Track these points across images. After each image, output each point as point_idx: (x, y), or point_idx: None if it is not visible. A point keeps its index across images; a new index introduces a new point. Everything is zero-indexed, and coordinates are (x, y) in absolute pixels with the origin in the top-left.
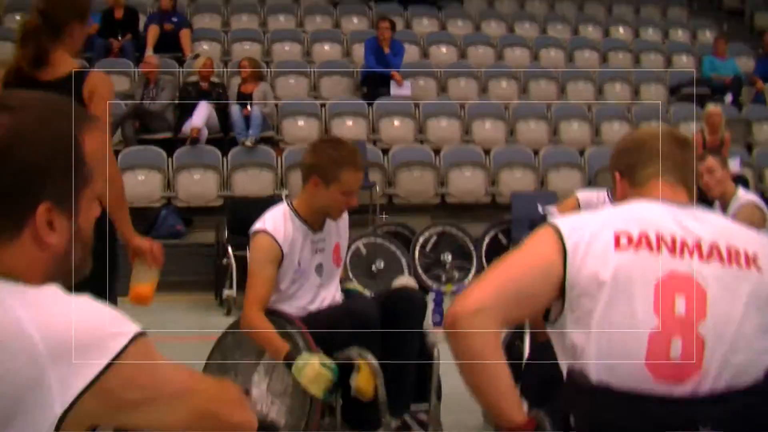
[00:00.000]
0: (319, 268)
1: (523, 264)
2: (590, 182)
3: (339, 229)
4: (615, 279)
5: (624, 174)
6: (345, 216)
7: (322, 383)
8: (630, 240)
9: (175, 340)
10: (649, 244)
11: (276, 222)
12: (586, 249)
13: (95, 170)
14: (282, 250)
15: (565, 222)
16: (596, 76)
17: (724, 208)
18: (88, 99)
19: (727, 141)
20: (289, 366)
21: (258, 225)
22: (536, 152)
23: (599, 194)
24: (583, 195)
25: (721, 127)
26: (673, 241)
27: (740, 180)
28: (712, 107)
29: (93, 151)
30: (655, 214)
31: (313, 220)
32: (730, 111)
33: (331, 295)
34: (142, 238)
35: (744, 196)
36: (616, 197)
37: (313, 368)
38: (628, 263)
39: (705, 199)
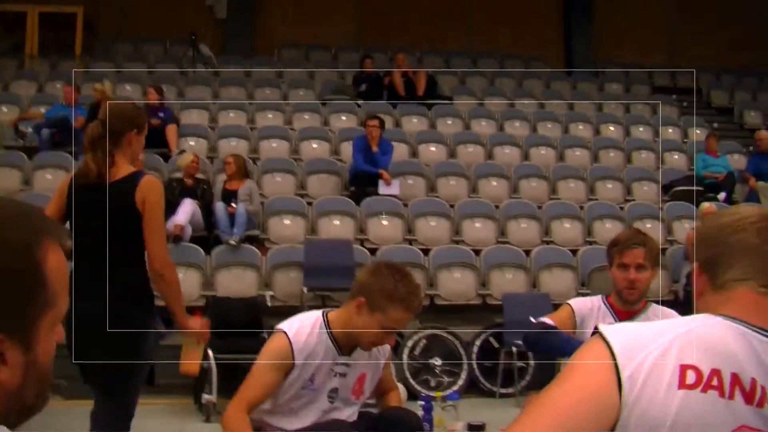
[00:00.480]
0: (333, 393)
1: (572, 400)
2: (583, 283)
3: (371, 359)
4: (674, 424)
5: (704, 269)
6: (386, 349)
7: None
8: (699, 378)
9: None
10: (720, 387)
11: (302, 328)
12: (644, 382)
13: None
14: (294, 361)
15: (618, 340)
16: (588, 175)
17: None
18: (140, 204)
19: None
20: None
21: (283, 324)
22: (528, 253)
23: (593, 301)
24: (577, 304)
25: None
26: (753, 388)
27: None
28: (707, 205)
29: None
30: (735, 346)
31: (344, 342)
32: (723, 209)
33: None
34: (192, 318)
35: None
36: (694, 293)
37: None
38: (693, 407)
39: None
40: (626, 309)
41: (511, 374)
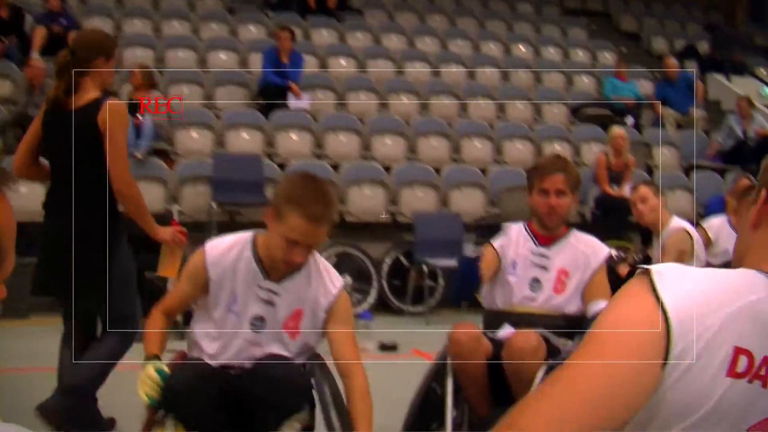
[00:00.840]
0: (258, 322)
1: (609, 377)
2: (493, 203)
3: (317, 298)
4: (710, 411)
5: None
6: (340, 298)
7: (148, 386)
8: (750, 366)
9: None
10: (767, 377)
11: (223, 243)
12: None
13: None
14: (207, 274)
15: (675, 301)
16: (498, 94)
17: (657, 236)
18: (102, 126)
19: (632, 164)
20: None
21: (210, 240)
22: (438, 171)
23: (512, 229)
24: (499, 243)
25: (625, 150)
26: None
27: None
28: (617, 129)
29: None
30: None
31: (269, 264)
32: (631, 134)
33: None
34: (164, 228)
35: (676, 223)
36: (750, 220)
37: (146, 370)
38: (735, 397)
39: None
40: (547, 234)
41: (420, 292)
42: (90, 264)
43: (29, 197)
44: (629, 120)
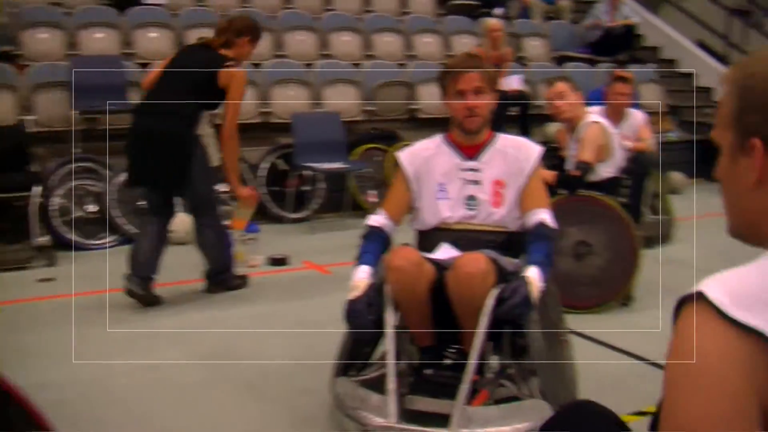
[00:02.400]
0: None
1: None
2: (368, 99)
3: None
4: None
5: None
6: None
7: None
8: None
9: None
10: None
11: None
12: None
13: None
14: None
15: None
16: None
17: (575, 132)
18: (222, 81)
19: (509, 56)
20: None
21: None
22: (309, 67)
23: (429, 144)
24: (407, 156)
25: (501, 42)
26: None
27: (521, 96)
28: (492, 21)
29: None
30: None
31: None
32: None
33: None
34: (243, 187)
35: (593, 118)
36: (751, 179)
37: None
38: None
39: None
40: (470, 142)
41: (301, 198)
42: (175, 156)
43: None
44: (498, 11)
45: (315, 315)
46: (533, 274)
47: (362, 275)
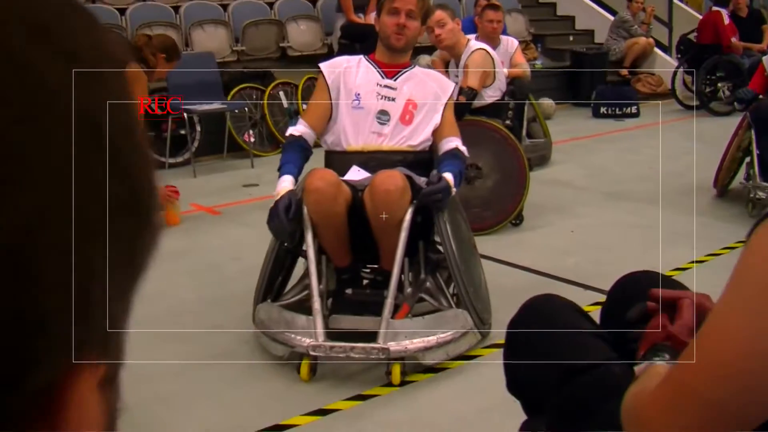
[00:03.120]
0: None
1: None
2: (237, 39)
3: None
4: None
5: None
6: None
7: None
8: None
9: None
10: None
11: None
12: None
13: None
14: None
15: None
16: None
17: (457, 60)
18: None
19: None
20: None
21: None
22: (176, 9)
23: (350, 60)
24: (327, 66)
25: None
26: None
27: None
28: None
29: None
30: None
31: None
32: None
33: None
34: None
35: (475, 44)
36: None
37: None
38: None
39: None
40: (392, 62)
41: (179, 142)
42: None
43: None
44: None
45: (214, 255)
46: (449, 177)
47: (285, 184)
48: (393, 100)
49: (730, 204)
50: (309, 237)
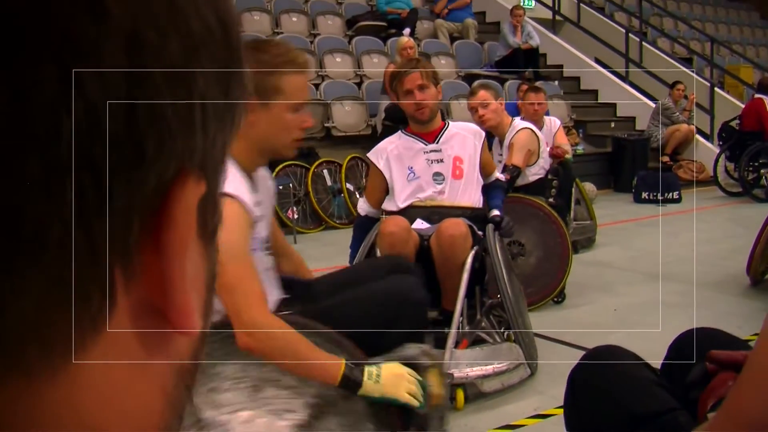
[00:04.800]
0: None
1: None
2: None
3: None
4: None
5: None
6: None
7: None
8: None
9: None
10: None
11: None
12: None
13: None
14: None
15: None
16: (272, 7)
17: (501, 139)
18: None
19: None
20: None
21: None
22: None
23: (391, 140)
24: (374, 155)
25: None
26: None
27: None
28: (405, 39)
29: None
30: None
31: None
32: None
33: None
34: None
35: (520, 123)
36: None
37: (396, 370)
38: None
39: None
40: (427, 130)
41: None
42: None
43: None
44: (406, 31)
45: None
46: (496, 212)
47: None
48: (441, 161)
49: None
50: None
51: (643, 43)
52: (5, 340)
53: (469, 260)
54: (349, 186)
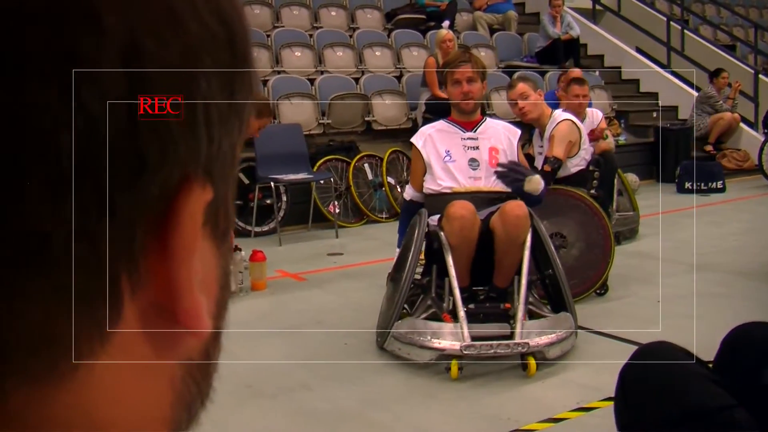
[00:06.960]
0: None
1: None
2: (324, 113)
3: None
4: None
5: None
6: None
7: None
8: None
9: None
10: None
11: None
12: None
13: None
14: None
15: None
16: (311, 2)
17: (542, 130)
18: None
19: None
20: None
21: None
22: (264, 83)
23: (433, 126)
24: (417, 139)
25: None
26: None
27: None
28: (444, 32)
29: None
30: None
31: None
32: None
33: None
34: None
35: (560, 115)
36: None
37: None
38: None
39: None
40: (467, 120)
41: (265, 211)
42: None
43: None
44: (445, 23)
45: (299, 317)
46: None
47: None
48: (477, 149)
49: None
50: (449, 258)
51: (685, 30)
52: (13, 347)
53: (529, 238)
54: (390, 180)
